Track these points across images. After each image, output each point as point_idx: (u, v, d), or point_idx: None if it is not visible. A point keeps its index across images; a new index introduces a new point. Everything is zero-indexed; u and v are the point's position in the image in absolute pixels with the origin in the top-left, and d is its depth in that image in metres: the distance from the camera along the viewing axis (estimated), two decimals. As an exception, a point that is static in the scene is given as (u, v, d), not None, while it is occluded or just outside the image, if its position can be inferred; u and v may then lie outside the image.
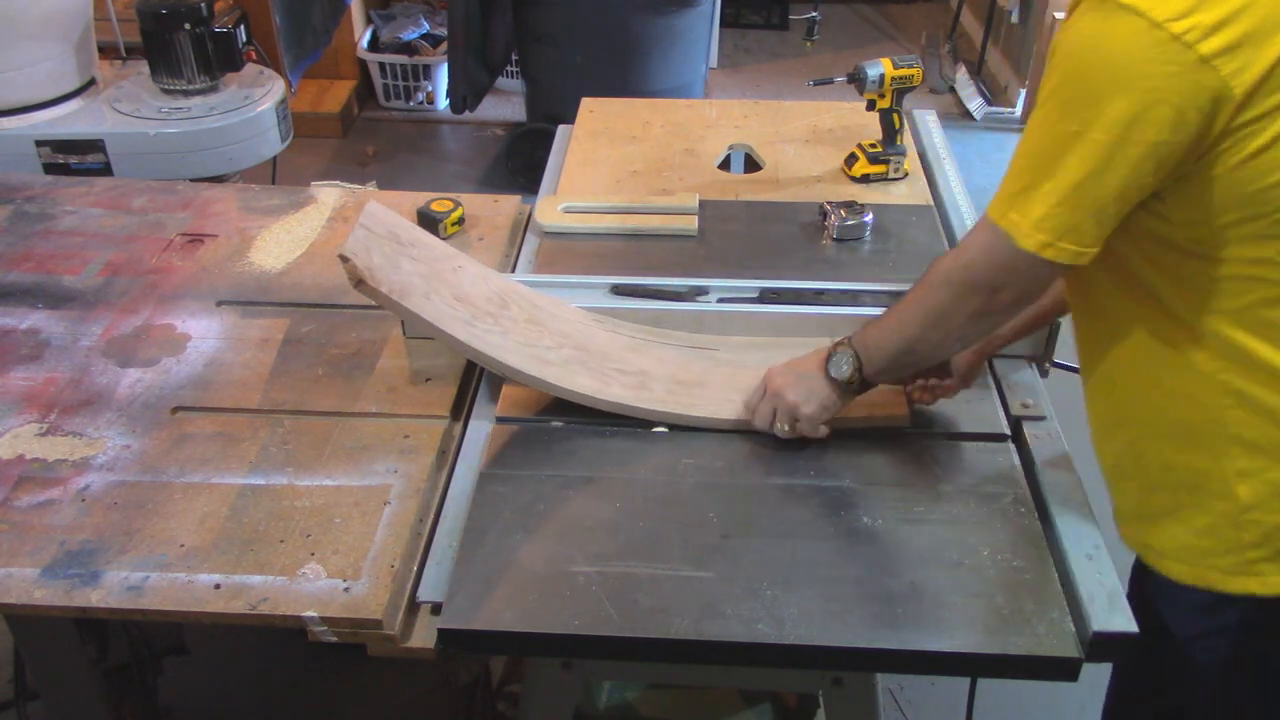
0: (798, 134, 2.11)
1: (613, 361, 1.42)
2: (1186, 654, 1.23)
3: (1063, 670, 1.09)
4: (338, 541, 1.21)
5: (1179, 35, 0.92)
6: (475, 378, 1.46)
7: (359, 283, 1.28)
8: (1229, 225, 1.01)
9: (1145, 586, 1.24)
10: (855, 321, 1.47)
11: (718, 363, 1.47)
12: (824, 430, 1.31)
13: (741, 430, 1.36)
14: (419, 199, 1.85)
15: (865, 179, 1.93)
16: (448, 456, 1.35)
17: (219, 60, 2.62)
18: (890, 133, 1.94)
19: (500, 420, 1.39)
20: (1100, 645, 1.09)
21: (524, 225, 1.85)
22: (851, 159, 1.96)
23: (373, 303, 1.31)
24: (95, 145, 2.52)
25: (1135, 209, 1.04)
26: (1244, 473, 1.09)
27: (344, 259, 1.28)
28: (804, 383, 1.30)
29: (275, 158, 2.77)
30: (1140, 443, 1.16)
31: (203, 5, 2.55)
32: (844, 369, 1.27)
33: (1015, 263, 1.07)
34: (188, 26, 2.53)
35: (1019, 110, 4.33)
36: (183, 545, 1.20)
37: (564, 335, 1.44)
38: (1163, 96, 0.94)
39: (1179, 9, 0.92)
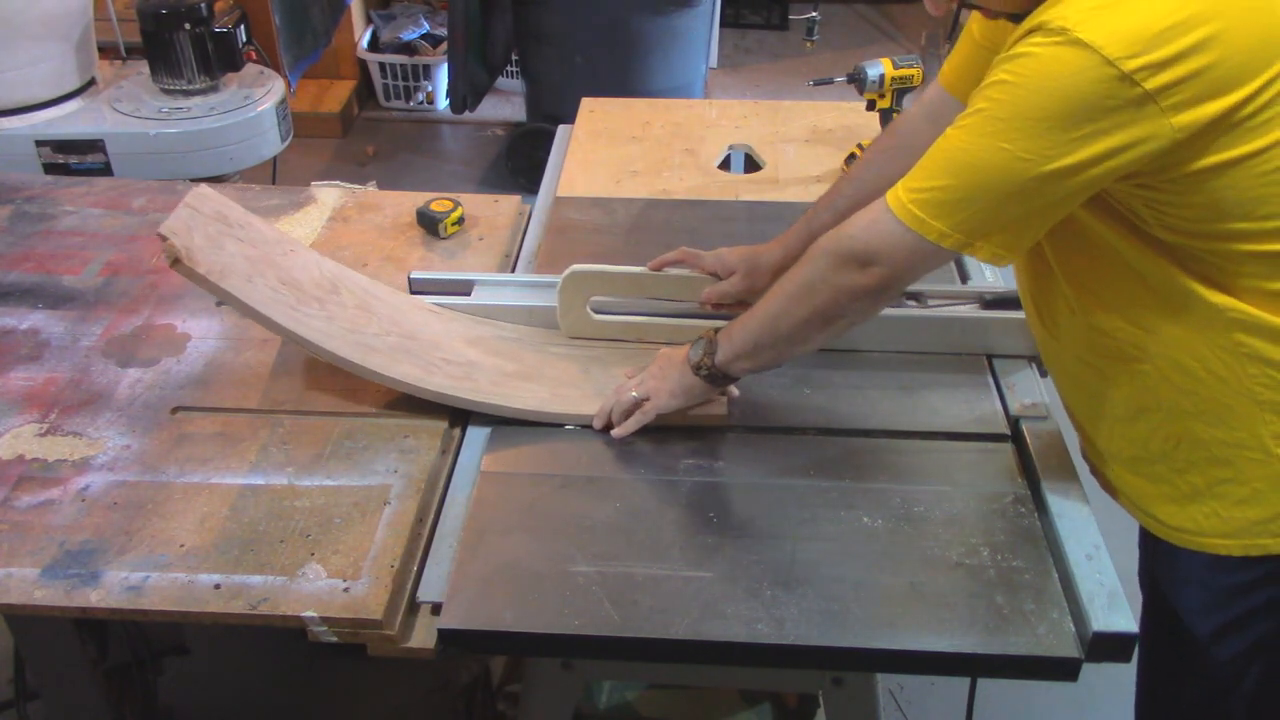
0: (798, 134, 2.11)
1: (441, 351, 1.42)
2: (1210, 651, 1.23)
3: (1063, 670, 1.09)
4: (338, 541, 1.21)
5: (1129, 74, 0.93)
6: (475, 378, 1.46)
7: (175, 261, 1.27)
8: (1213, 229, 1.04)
9: (1169, 575, 1.24)
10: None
11: (551, 356, 1.47)
12: (651, 410, 1.33)
13: (566, 424, 1.37)
14: (419, 199, 1.85)
15: (865, 179, 1.93)
16: (448, 456, 1.35)
17: (219, 60, 2.62)
18: (890, 133, 1.94)
19: (500, 420, 1.39)
20: (1100, 645, 1.09)
21: (524, 225, 1.85)
22: (851, 159, 1.96)
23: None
24: (95, 145, 2.52)
25: (1121, 214, 1.06)
26: (1279, 436, 1.10)
27: (162, 237, 1.28)
28: (672, 364, 1.33)
29: (275, 158, 2.77)
30: (1169, 424, 1.15)
31: (203, 5, 2.55)
32: (696, 352, 1.29)
33: (913, 247, 1.08)
34: (188, 26, 2.54)
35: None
36: (183, 545, 1.20)
37: (393, 323, 1.44)
38: (1102, 128, 0.96)
39: (1133, 46, 0.93)
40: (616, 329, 1.50)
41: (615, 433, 1.34)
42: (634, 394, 1.34)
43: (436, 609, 1.15)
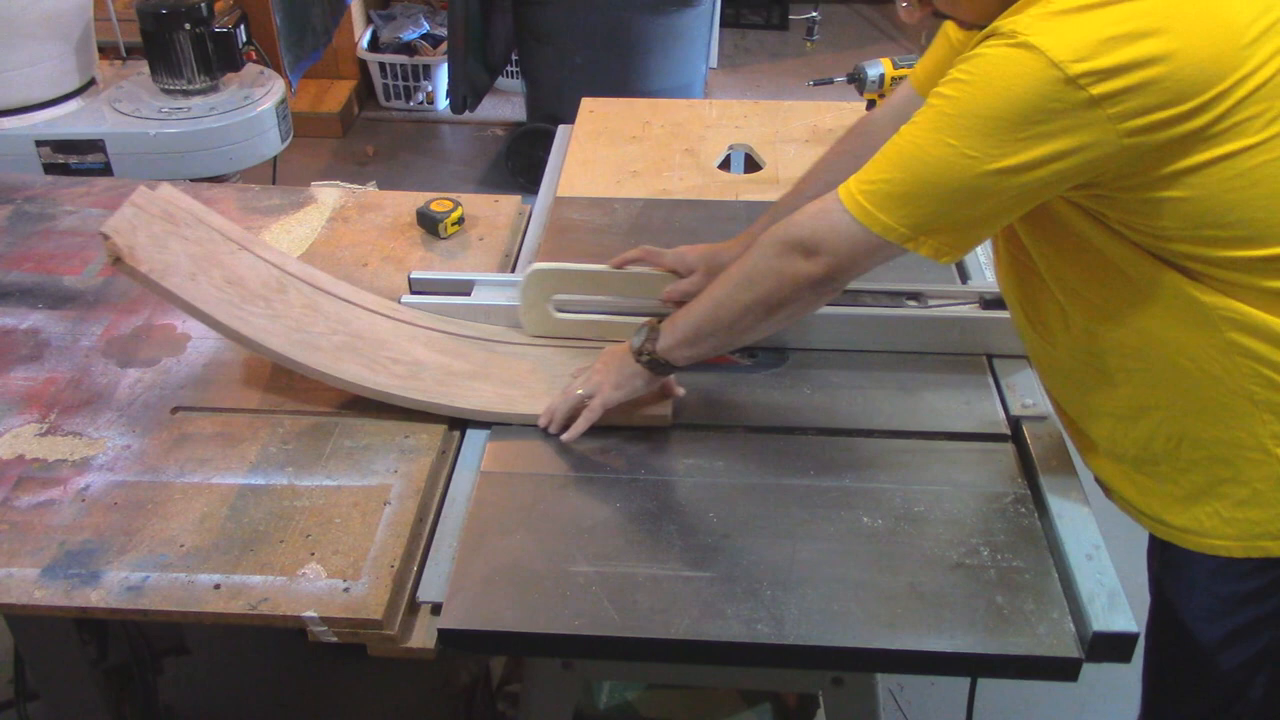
0: (798, 134, 2.11)
1: (388, 350, 1.42)
2: (1217, 658, 1.23)
3: (1063, 670, 1.09)
4: (338, 541, 1.21)
5: (1074, 78, 0.94)
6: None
7: (116, 260, 1.28)
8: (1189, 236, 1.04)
9: (1175, 582, 1.24)
10: (850, 321, 1.48)
11: (505, 356, 1.47)
12: (597, 406, 1.32)
13: (511, 423, 1.37)
14: (419, 199, 1.85)
15: (865, 179, 1.93)
16: (448, 456, 1.35)
17: (219, 60, 2.62)
18: (890, 133, 1.94)
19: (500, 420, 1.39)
20: (1100, 645, 1.09)
21: (524, 225, 1.85)
22: (851, 159, 1.96)
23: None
24: (95, 145, 2.52)
25: (1110, 225, 1.07)
26: (1278, 436, 1.10)
27: (104, 236, 1.28)
28: (614, 357, 1.33)
29: (275, 158, 2.77)
30: (1169, 424, 1.15)
31: (203, 5, 2.55)
32: (638, 339, 1.29)
33: (858, 239, 1.08)
34: (188, 26, 2.54)
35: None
36: (183, 545, 1.20)
37: (341, 322, 1.44)
38: (1048, 131, 0.97)
39: (1079, 51, 0.94)
40: (579, 327, 1.50)
41: (565, 436, 1.33)
42: (579, 391, 1.34)
43: (436, 609, 1.15)
